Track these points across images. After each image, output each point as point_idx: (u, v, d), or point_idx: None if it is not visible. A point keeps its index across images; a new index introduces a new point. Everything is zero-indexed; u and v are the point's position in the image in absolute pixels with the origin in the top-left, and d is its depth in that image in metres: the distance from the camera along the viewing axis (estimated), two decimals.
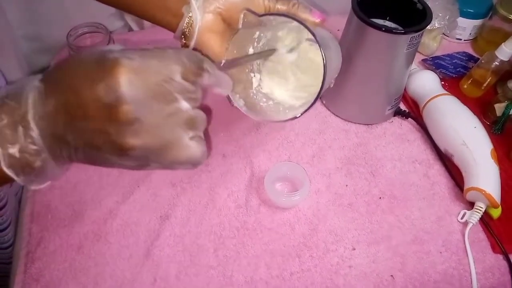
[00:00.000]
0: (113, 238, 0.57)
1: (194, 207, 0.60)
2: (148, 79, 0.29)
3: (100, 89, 0.28)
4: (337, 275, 0.55)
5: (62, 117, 0.29)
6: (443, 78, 0.78)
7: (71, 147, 0.30)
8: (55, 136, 0.29)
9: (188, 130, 0.31)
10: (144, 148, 0.29)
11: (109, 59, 0.28)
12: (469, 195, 0.60)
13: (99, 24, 0.71)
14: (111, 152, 0.29)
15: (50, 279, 0.53)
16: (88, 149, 0.30)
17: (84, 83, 0.28)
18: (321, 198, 0.62)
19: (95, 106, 0.28)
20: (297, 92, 0.51)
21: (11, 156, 0.29)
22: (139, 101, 0.28)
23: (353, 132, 0.71)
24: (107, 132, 0.28)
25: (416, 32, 0.60)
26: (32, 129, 0.29)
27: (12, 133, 0.28)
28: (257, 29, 0.48)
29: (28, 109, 0.29)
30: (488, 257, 0.58)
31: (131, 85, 0.28)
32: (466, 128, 0.64)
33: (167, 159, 0.31)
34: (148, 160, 0.31)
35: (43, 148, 0.30)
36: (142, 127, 0.29)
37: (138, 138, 0.29)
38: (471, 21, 0.85)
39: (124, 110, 0.28)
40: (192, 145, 0.31)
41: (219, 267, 0.55)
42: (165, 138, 0.30)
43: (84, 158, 0.31)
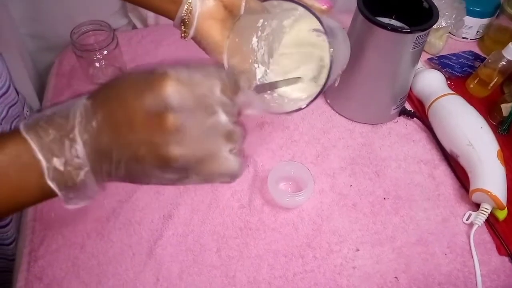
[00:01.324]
0: (116, 237, 0.57)
1: (197, 207, 0.60)
2: (193, 91, 0.30)
3: (148, 98, 0.28)
4: (340, 276, 0.55)
5: (107, 130, 0.29)
6: (449, 77, 0.77)
7: (113, 162, 0.30)
8: (99, 150, 0.30)
9: (227, 143, 0.32)
10: (186, 158, 0.30)
11: (158, 72, 0.29)
12: (474, 196, 0.60)
13: (103, 22, 0.71)
14: (154, 164, 0.30)
15: (53, 278, 0.53)
16: (131, 162, 0.30)
17: (131, 94, 0.29)
18: (325, 198, 0.62)
19: (142, 114, 0.29)
20: (302, 84, 0.50)
21: (55, 169, 0.29)
22: (185, 110, 0.29)
23: (358, 132, 0.71)
24: (152, 142, 0.29)
25: (422, 31, 0.59)
26: (78, 143, 0.29)
27: (59, 147, 0.29)
28: (260, 17, 0.47)
29: (75, 124, 0.29)
30: (493, 259, 0.57)
31: (178, 95, 0.29)
32: (472, 129, 0.64)
33: (206, 170, 0.32)
34: (187, 172, 0.31)
35: (86, 162, 0.30)
36: (186, 137, 0.29)
37: (182, 148, 0.29)
38: (478, 20, 0.84)
39: (171, 118, 0.28)
40: (230, 158, 0.32)
41: (222, 267, 0.55)
42: (206, 149, 0.31)
43: (124, 173, 0.31)
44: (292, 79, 0.49)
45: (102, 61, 0.71)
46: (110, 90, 0.31)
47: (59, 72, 0.78)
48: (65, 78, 0.77)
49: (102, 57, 0.70)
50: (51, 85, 0.76)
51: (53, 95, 0.74)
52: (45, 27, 0.79)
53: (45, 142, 0.29)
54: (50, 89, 0.76)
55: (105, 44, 0.69)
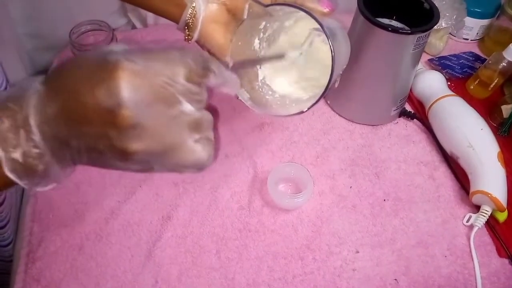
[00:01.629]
0: (115, 238, 0.56)
1: (196, 208, 0.60)
2: (150, 82, 0.28)
3: (101, 93, 0.27)
4: (340, 278, 0.54)
5: (63, 121, 0.28)
6: (449, 78, 0.77)
7: (74, 151, 0.29)
8: (57, 139, 0.29)
9: (193, 133, 0.30)
10: (146, 152, 0.29)
11: (111, 61, 0.28)
12: (475, 198, 0.60)
13: (102, 22, 0.71)
14: (114, 156, 0.29)
15: (51, 280, 0.53)
16: (91, 153, 0.29)
17: (85, 87, 0.28)
18: (324, 200, 0.62)
19: (96, 110, 0.27)
20: (304, 83, 0.50)
21: (14, 160, 0.28)
22: (141, 105, 0.28)
23: (358, 133, 0.70)
24: (108, 136, 0.28)
25: (423, 32, 0.59)
26: (34, 133, 0.28)
27: (15, 136, 0.28)
28: (263, 20, 0.47)
29: (30, 113, 0.28)
30: (494, 261, 0.57)
31: (132, 89, 0.27)
32: (472, 130, 0.63)
33: (171, 162, 0.30)
34: (151, 163, 0.30)
35: (46, 151, 0.29)
36: (144, 131, 0.28)
37: (141, 143, 0.28)
38: (479, 21, 0.84)
39: (125, 115, 0.27)
40: (197, 148, 0.31)
41: (221, 269, 0.54)
42: (168, 141, 0.29)
43: (87, 161, 0.30)
44: (275, 56, 0.48)
45: None
46: (64, 78, 0.29)
47: None
48: None
49: None
50: None
51: None
52: (44, 27, 0.78)
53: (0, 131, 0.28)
54: None
55: (104, 44, 0.69)
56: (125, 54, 0.28)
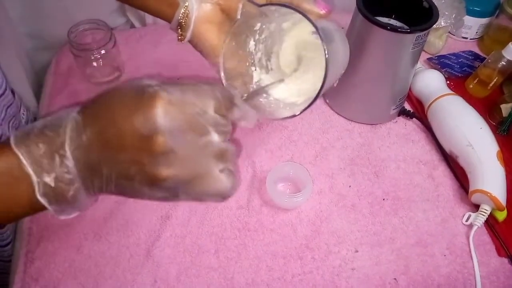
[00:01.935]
0: (113, 238, 0.56)
1: (195, 208, 0.59)
2: (184, 112, 0.29)
3: (138, 119, 0.28)
4: (339, 277, 0.54)
5: (97, 147, 0.29)
6: (448, 77, 0.77)
7: (103, 178, 0.30)
8: (89, 166, 0.30)
9: (218, 163, 0.32)
10: (175, 179, 0.30)
11: (148, 92, 0.29)
12: (474, 197, 0.59)
13: (100, 21, 0.70)
14: (143, 183, 0.30)
15: (50, 279, 0.53)
16: (121, 179, 0.30)
17: (122, 114, 0.29)
18: (323, 199, 0.62)
19: (131, 136, 0.29)
20: (299, 87, 0.50)
21: (46, 184, 0.29)
22: (175, 132, 0.29)
23: (357, 132, 0.70)
24: (141, 162, 0.29)
25: (422, 31, 0.59)
26: (68, 158, 0.29)
27: (49, 162, 0.29)
28: (258, 21, 0.46)
29: (66, 139, 0.29)
30: (493, 260, 0.57)
31: (168, 117, 0.28)
32: (471, 129, 0.63)
33: (196, 190, 0.31)
34: (178, 191, 0.31)
35: (77, 178, 0.30)
36: (175, 158, 0.29)
37: (171, 169, 0.29)
38: (478, 20, 0.84)
39: (160, 141, 0.28)
40: (222, 178, 0.32)
41: (220, 269, 0.54)
42: (196, 169, 0.30)
43: (115, 189, 0.31)
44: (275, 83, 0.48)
45: (99, 61, 0.71)
46: (101, 106, 0.30)
47: (56, 72, 0.77)
48: (62, 77, 0.76)
49: (99, 57, 0.70)
50: (48, 84, 0.76)
51: (50, 94, 0.74)
52: (42, 26, 0.78)
53: (35, 156, 0.29)
54: (47, 88, 0.75)
55: (102, 43, 0.69)
56: (161, 85, 0.30)
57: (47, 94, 0.74)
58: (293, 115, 0.44)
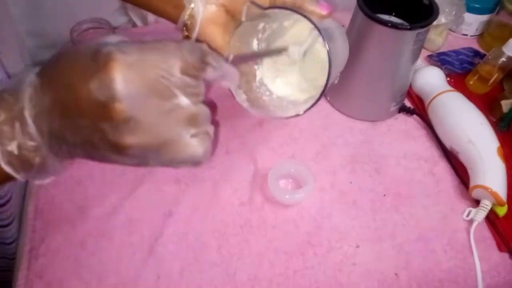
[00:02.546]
0: (117, 234, 0.57)
1: (197, 204, 0.60)
2: (144, 75, 0.27)
3: (94, 86, 0.27)
4: (341, 272, 0.55)
5: (58, 114, 0.28)
6: (448, 74, 0.77)
7: (69, 144, 0.29)
8: (52, 132, 0.29)
9: (189, 127, 0.30)
10: (141, 147, 0.28)
11: (103, 53, 0.27)
12: (474, 192, 0.60)
13: (103, 20, 0.71)
14: (108, 150, 0.29)
15: (54, 276, 0.53)
16: (86, 146, 0.29)
17: (78, 80, 0.27)
18: (325, 196, 0.62)
19: (89, 103, 0.27)
20: (302, 85, 0.50)
21: (9, 153, 0.28)
22: (135, 98, 0.27)
23: (358, 129, 0.71)
24: (102, 130, 0.28)
25: (422, 28, 0.59)
26: (29, 126, 0.28)
27: (10, 129, 0.28)
28: (261, 21, 0.47)
29: (25, 106, 0.28)
30: (494, 255, 0.57)
31: (125, 82, 0.27)
32: (472, 125, 0.64)
33: (166, 157, 0.30)
34: (147, 158, 0.30)
35: (42, 144, 0.29)
36: (138, 125, 0.28)
37: (135, 137, 0.28)
38: (478, 17, 0.84)
39: (118, 108, 0.27)
40: (193, 143, 0.30)
41: (222, 265, 0.55)
42: (163, 136, 0.29)
43: (83, 154, 0.30)
44: (276, 50, 0.48)
45: None
46: (58, 70, 0.29)
47: None
48: None
49: None
50: None
51: None
52: (44, 25, 0.78)
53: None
54: None
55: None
56: (118, 45, 0.28)
57: None
58: (297, 114, 0.44)
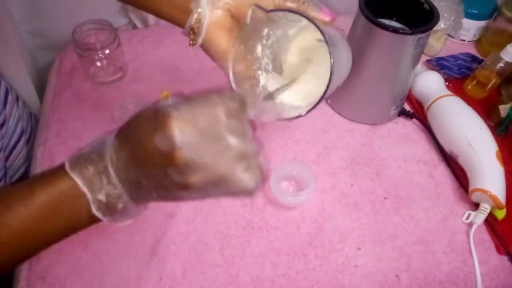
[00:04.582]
0: (119, 236, 0.57)
1: (199, 205, 0.60)
2: (196, 125, 0.33)
3: (158, 140, 0.33)
4: (342, 274, 0.55)
5: (134, 166, 0.34)
6: (447, 78, 0.78)
7: (145, 189, 0.35)
8: (131, 181, 0.35)
9: (240, 163, 0.34)
10: (202, 183, 0.33)
11: (162, 113, 0.33)
12: (474, 196, 0.61)
13: (105, 21, 0.71)
14: (177, 190, 0.34)
15: (56, 277, 0.53)
16: (159, 190, 0.35)
17: (145, 136, 0.33)
18: (326, 198, 0.62)
19: (156, 154, 0.33)
20: (304, 92, 0.51)
21: (99, 201, 0.35)
22: (191, 145, 0.32)
23: (358, 132, 0.71)
24: (169, 175, 0.33)
25: (423, 33, 0.60)
26: (113, 177, 0.34)
27: (99, 181, 0.34)
28: (265, 26, 0.47)
29: (108, 162, 0.35)
30: (493, 258, 0.58)
31: (182, 133, 0.32)
32: (471, 129, 0.65)
33: (223, 190, 0.34)
34: (208, 192, 0.34)
35: (123, 192, 0.35)
36: (197, 166, 0.33)
37: (196, 176, 0.33)
38: (476, 22, 0.85)
39: (178, 155, 0.32)
40: (244, 177, 0.34)
41: (225, 266, 0.55)
42: (219, 173, 0.33)
43: (157, 197, 0.36)
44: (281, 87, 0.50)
45: (103, 61, 0.71)
46: (130, 129, 0.35)
47: (60, 71, 0.77)
48: (65, 77, 0.76)
49: (103, 57, 0.70)
50: (51, 84, 0.76)
51: (54, 94, 0.74)
52: (46, 25, 0.79)
53: (87, 177, 0.34)
54: (50, 88, 0.75)
55: (107, 44, 0.69)
56: (174, 105, 0.33)
57: (50, 94, 0.74)
58: (299, 115, 0.45)
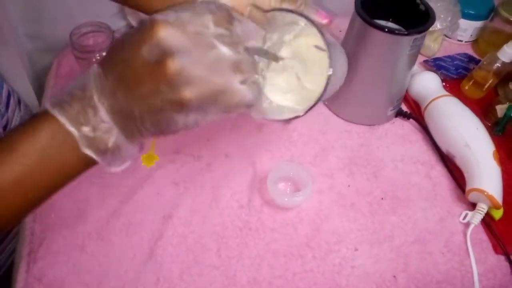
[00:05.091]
0: (117, 238, 0.57)
1: (197, 207, 0.60)
2: (184, 30, 0.30)
3: (144, 49, 0.30)
4: (339, 275, 0.55)
5: (121, 90, 0.31)
6: (444, 79, 0.78)
7: (137, 119, 0.32)
8: (120, 110, 0.32)
9: (236, 74, 0.32)
10: (199, 98, 0.31)
11: (146, 20, 0.30)
12: (471, 196, 0.61)
13: (103, 23, 0.71)
14: (172, 109, 0.31)
15: (53, 279, 0.53)
16: (152, 114, 0.32)
17: (130, 51, 0.31)
18: (323, 198, 0.62)
19: (144, 67, 0.30)
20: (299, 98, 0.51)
21: (86, 136, 0.32)
22: (182, 50, 0.30)
23: (355, 133, 0.71)
24: (162, 92, 0.30)
25: (419, 34, 0.60)
26: (99, 109, 0.31)
27: (84, 116, 0.31)
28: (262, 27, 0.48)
29: (93, 93, 0.31)
30: (490, 258, 0.58)
31: (170, 37, 0.30)
32: (468, 130, 0.65)
33: (221, 104, 0.32)
34: (206, 109, 0.32)
35: (113, 125, 0.32)
36: (191, 77, 0.30)
37: (191, 89, 0.30)
38: (473, 23, 0.85)
39: (170, 63, 0.29)
40: (242, 88, 0.33)
41: (222, 267, 0.55)
42: (215, 84, 0.31)
43: (151, 126, 0.33)
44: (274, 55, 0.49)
45: None
46: (113, 52, 0.32)
47: (58, 74, 0.78)
48: (64, 79, 0.77)
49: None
50: (49, 86, 0.76)
51: (52, 96, 0.74)
52: (44, 28, 0.79)
53: (71, 114, 0.31)
54: (49, 90, 0.76)
55: (104, 46, 0.69)
56: (157, 12, 0.31)
57: (49, 96, 0.75)
58: (297, 116, 0.45)
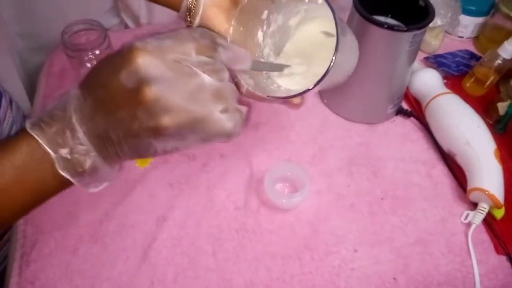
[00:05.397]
0: (110, 240, 0.55)
1: (192, 209, 0.59)
2: (164, 59, 0.30)
3: (122, 75, 0.30)
4: (338, 277, 0.54)
5: (100, 114, 0.31)
6: (445, 76, 0.77)
7: (115, 142, 0.32)
8: (98, 134, 0.32)
9: (217, 103, 0.32)
10: (176, 126, 0.30)
11: (126, 47, 0.30)
12: (472, 195, 0.59)
13: (95, 21, 0.70)
14: (149, 135, 0.31)
15: (46, 282, 0.52)
16: (129, 139, 0.31)
17: (109, 76, 0.30)
18: (322, 199, 0.61)
19: (121, 93, 0.30)
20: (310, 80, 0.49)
21: (63, 158, 0.31)
22: (159, 79, 0.29)
23: (355, 132, 0.70)
24: (139, 117, 0.30)
25: (418, 30, 0.59)
26: (78, 131, 0.31)
27: (62, 137, 0.31)
28: (265, 7, 0.45)
29: (72, 114, 0.31)
30: (492, 258, 0.57)
31: (148, 66, 0.29)
32: (469, 127, 0.63)
33: (200, 134, 0.32)
34: (184, 137, 0.32)
35: (91, 148, 0.32)
36: (169, 105, 0.30)
37: (169, 117, 0.30)
38: (473, 19, 0.84)
39: (146, 91, 0.29)
40: (223, 118, 0.32)
41: (218, 270, 0.54)
42: (194, 112, 0.31)
43: (129, 150, 0.32)
44: (279, 66, 0.48)
45: (93, 61, 0.70)
46: (93, 75, 0.32)
47: (50, 73, 0.76)
48: (56, 78, 0.75)
49: (94, 57, 0.69)
50: (41, 85, 0.75)
51: (44, 95, 0.73)
52: (35, 26, 0.78)
53: (49, 135, 0.31)
54: (40, 89, 0.74)
55: (97, 44, 0.68)
56: (139, 40, 0.31)
57: (40, 95, 0.73)
58: (307, 89, 0.40)
